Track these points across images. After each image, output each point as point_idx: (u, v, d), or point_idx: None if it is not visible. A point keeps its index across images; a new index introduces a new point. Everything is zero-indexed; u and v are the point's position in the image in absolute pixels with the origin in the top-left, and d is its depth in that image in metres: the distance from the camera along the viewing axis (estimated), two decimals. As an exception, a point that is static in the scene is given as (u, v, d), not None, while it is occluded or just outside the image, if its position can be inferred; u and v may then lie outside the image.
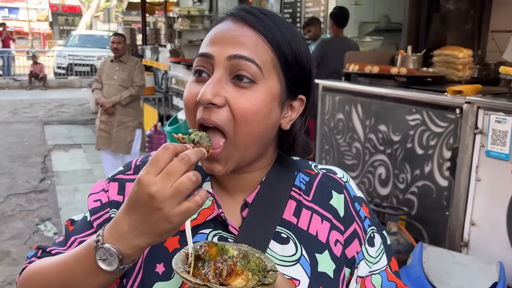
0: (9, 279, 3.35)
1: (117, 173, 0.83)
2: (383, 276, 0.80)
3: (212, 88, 0.69)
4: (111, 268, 0.63)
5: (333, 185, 0.83)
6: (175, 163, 0.60)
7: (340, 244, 0.78)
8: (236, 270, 0.61)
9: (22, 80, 14.36)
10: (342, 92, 3.32)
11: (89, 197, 0.82)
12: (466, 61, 3.47)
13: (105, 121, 4.84)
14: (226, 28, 0.73)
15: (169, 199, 0.58)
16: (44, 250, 0.80)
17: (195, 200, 0.60)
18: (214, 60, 0.71)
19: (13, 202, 4.87)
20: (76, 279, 0.66)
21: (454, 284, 2.16)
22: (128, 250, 0.62)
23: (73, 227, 0.82)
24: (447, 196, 2.55)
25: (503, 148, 2.26)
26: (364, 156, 3.14)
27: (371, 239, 0.81)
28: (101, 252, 0.63)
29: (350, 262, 0.79)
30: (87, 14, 23.13)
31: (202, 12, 7.97)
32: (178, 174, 0.59)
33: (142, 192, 0.59)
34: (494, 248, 2.34)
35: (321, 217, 0.79)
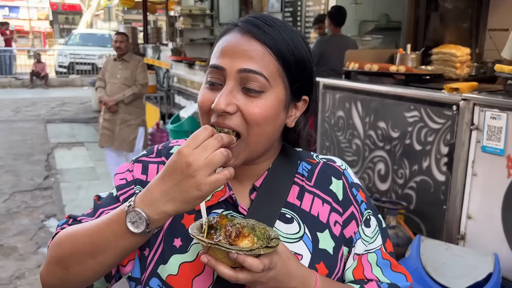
0: (16, 274, 3.43)
1: (141, 156, 0.92)
2: (378, 255, 0.90)
3: (225, 98, 0.78)
4: (138, 231, 0.70)
5: (332, 172, 0.92)
6: (211, 139, 0.69)
7: (339, 224, 0.87)
8: (243, 233, 0.70)
9: (24, 79, 14.43)
10: (342, 90, 3.39)
11: (115, 176, 0.91)
12: (463, 59, 3.55)
13: (108, 119, 4.92)
14: (234, 40, 0.80)
15: (203, 168, 0.67)
16: (75, 219, 0.88)
17: (224, 173, 0.69)
18: (225, 72, 0.79)
19: (18, 199, 4.94)
20: (106, 240, 0.74)
21: (451, 275, 2.23)
22: (156, 215, 0.70)
23: (100, 202, 0.90)
24: (444, 191, 2.62)
25: (498, 144, 2.33)
26: (364, 152, 3.21)
27: (367, 221, 0.90)
28: (131, 215, 0.70)
29: (348, 241, 0.88)
30: (88, 13, 23.18)
31: (204, 11, 8.03)
32: (212, 149, 0.69)
33: (181, 161, 0.68)
34: (490, 240, 2.41)
35: (322, 200, 0.88)
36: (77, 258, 0.77)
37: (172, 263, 0.80)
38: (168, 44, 8.76)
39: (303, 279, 0.76)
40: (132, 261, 0.84)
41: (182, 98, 7.19)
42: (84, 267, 0.77)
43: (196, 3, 8.45)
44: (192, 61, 6.74)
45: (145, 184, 0.85)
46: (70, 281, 0.80)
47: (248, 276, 0.69)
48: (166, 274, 0.80)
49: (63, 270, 0.79)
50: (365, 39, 5.89)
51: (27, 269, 3.49)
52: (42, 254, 3.73)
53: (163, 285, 0.81)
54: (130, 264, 0.85)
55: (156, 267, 0.81)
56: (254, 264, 0.68)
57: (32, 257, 3.68)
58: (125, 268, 0.85)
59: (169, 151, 0.91)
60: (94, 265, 0.76)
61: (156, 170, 0.89)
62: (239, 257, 0.67)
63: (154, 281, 0.81)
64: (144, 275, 0.83)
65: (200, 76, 6.36)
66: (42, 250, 3.79)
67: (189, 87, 6.84)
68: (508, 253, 2.31)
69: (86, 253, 0.76)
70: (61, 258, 0.79)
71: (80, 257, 0.77)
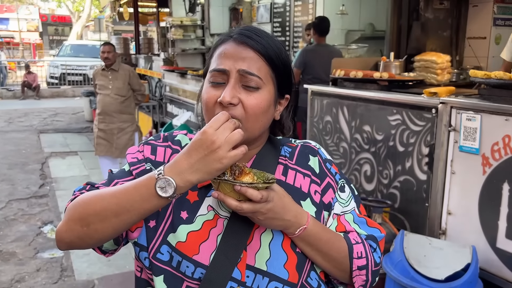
0: (16, 277, 3.52)
1: (149, 140, 1.08)
2: (353, 215, 1.07)
3: (230, 92, 0.95)
4: (166, 195, 0.84)
5: (309, 151, 1.10)
6: (228, 122, 0.86)
7: (318, 193, 1.05)
8: (245, 171, 0.88)
9: (15, 90, 14.46)
10: (330, 96, 3.56)
11: (127, 156, 1.05)
12: (444, 66, 3.74)
13: (104, 129, 5.02)
14: (233, 49, 0.97)
15: (224, 145, 0.83)
16: (92, 185, 1.01)
17: (241, 149, 0.85)
18: (228, 73, 0.97)
19: (14, 207, 5.03)
20: (132, 201, 0.87)
21: (432, 266, 2.39)
22: (182, 183, 0.85)
23: (114, 174, 1.04)
24: (426, 189, 2.78)
25: (473, 143, 2.50)
26: (351, 155, 3.37)
27: (342, 188, 1.08)
28: (161, 181, 0.84)
29: (327, 206, 1.05)
30: (78, 24, 23.27)
31: (195, 22, 8.19)
32: (230, 130, 0.85)
33: (206, 139, 0.83)
34: (468, 234, 2.57)
35: (303, 175, 1.06)
36: (101, 216, 0.88)
37: (181, 231, 0.95)
38: (160, 54, 8.91)
39: (296, 213, 0.93)
40: (139, 228, 0.98)
41: (174, 107, 7.32)
42: (106, 225, 0.88)
43: (187, 14, 8.61)
44: (184, 71, 6.88)
45: (154, 163, 1.01)
46: (87, 237, 0.90)
47: (250, 206, 0.86)
48: (176, 241, 0.95)
49: (83, 227, 0.89)
50: (351, 47, 6.08)
51: (26, 273, 3.59)
52: (40, 258, 3.83)
53: (173, 250, 0.95)
54: (137, 230, 0.98)
55: (166, 235, 0.96)
56: (254, 194, 0.85)
57: (31, 262, 3.77)
58: (133, 234, 0.98)
59: (174, 138, 1.07)
60: (116, 223, 0.88)
61: (163, 152, 1.04)
62: (242, 189, 0.84)
63: (165, 248, 0.95)
64: (154, 243, 0.96)
65: (192, 85, 6.51)
66: (41, 255, 3.89)
67: (181, 96, 6.98)
68: (485, 245, 2.47)
69: (111, 212, 0.87)
70: (84, 215, 0.89)
71: (104, 215, 0.88)
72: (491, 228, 2.44)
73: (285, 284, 0.96)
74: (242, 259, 0.94)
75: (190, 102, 6.54)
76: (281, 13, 6.92)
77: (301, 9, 6.52)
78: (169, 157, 1.03)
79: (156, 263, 0.96)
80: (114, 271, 3.57)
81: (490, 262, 2.44)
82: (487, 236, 2.47)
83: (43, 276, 3.55)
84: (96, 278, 3.50)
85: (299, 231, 0.94)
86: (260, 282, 0.95)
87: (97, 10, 25.25)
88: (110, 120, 5.03)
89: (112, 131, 5.02)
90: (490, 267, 2.44)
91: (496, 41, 4.66)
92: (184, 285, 0.95)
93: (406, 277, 2.36)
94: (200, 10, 8.31)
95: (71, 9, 25.40)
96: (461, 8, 4.75)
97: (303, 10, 6.47)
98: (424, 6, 4.51)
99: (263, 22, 7.22)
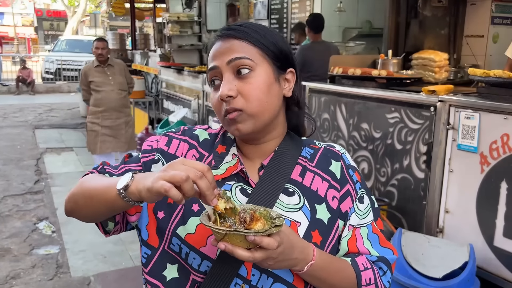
0: (11, 274, 3.49)
1: (169, 131, 1.09)
2: (369, 229, 1.03)
3: (226, 86, 0.95)
4: (118, 186, 0.85)
5: (332, 156, 1.06)
6: (198, 173, 0.80)
7: (337, 199, 1.01)
8: (256, 216, 0.81)
9: (10, 85, 14.37)
10: (327, 93, 3.55)
11: (144, 143, 1.08)
12: (442, 64, 3.74)
13: (110, 126, 5.03)
14: (219, 46, 1.00)
15: (168, 173, 0.79)
16: (103, 166, 1.07)
17: (168, 186, 0.78)
18: (219, 69, 0.97)
19: (9, 203, 4.99)
20: (101, 188, 0.92)
21: (429, 264, 2.39)
22: (134, 186, 0.84)
23: (127, 160, 1.08)
24: (424, 187, 2.78)
25: (472, 142, 2.50)
26: (348, 152, 3.36)
27: (361, 198, 1.04)
28: (126, 176, 0.86)
29: (344, 215, 1.01)
30: (74, 19, 23.13)
31: (192, 18, 8.16)
32: (194, 175, 0.79)
33: (172, 162, 0.83)
34: (466, 232, 2.57)
35: (322, 178, 1.02)
36: (83, 197, 0.96)
37: (191, 223, 0.95)
38: (156, 50, 8.87)
39: (303, 249, 0.88)
40: (138, 213, 1.02)
41: (171, 103, 7.29)
42: (84, 206, 0.97)
43: (184, 10, 8.58)
44: (180, 67, 6.86)
45: (165, 154, 1.03)
46: (76, 212, 1.00)
47: (263, 254, 0.80)
48: (185, 233, 0.95)
49: (74, 203, 0.99)
50: (349, 45, 6.07)
51: (22, 270, 3.56)
52: (36, 255, 3.81)
53: (182, 243, 0.95)
54: (136, 215, 1.01)
55: (176, 227, 0.96)
56: (270, 243, 0.78)
57: (26, 258, 3.74)
58: (132, 217, 1.02)
59: (192, 132, 1.08)
60: (90, 206, 0.95)
61: (178, 144, 1.05)
62: (256, 239, 0.77)
63: (175, 240, 0.96)
64: (167, 234, 0.97)
65: (188, 82, 6.48)
66: (36, 251, 3.87)
67: (177, 92, 6.95)
68: (483, 244, 2.48)
69: (88, 195, 0.95)
70: (76, 193, 0.99)
71: (83, 197, 0.96)
72: (488, 227, 2.45)
73: (290, 287, 0.94)
74: None
75: (186, 98, 6.51)
76: (279, 10, 6.89)
77: (299, 5, 6.50)
78: (186, 152, 1.03)
79: (171, 253, 0.97)
80: (110, 268, 3.55)
81: (488, 260, 2.44)
82: (485, 235, 2.48)
83: (39, 272, 3.53)
84: (92, 274, 3.48)
85: (307, 268, 0.89)
86: (265, 282, 0.93)
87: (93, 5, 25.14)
88: (117, 115, 5.06)
89: (119, 126, 5.07)
90: (487, 265, 2.45)
91: (494, 40, 4.67)
92: (190, 277, 0.95)
93: (404, 275, 2.36)
94: (197, 6, 8.28)
95: (66, 3, 25.24)
96: (459, 6, 4.76)
97: (301, 6, 6.45)
98: (422, 4, 4.50)
99: (260, 18, 7.19)
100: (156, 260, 0.99)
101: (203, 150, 1.04)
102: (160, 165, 1.01)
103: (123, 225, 1.05)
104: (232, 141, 1.05)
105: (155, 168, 1.02)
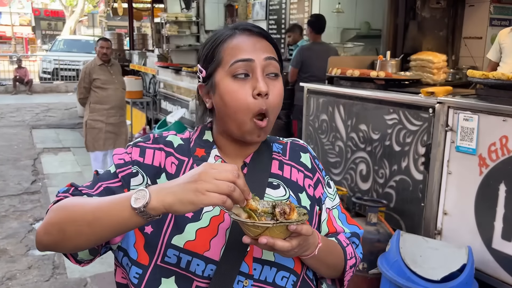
0: (8, 275, 3.47)
1: (138, 142, 1.03)
2: (338, 210, 1.14)
3: (263, 81, 0.96)
4: (136, 205, 0.79)
5: (300, 149, 1.14)
6: (231, 174, 0.79)
7: (312, 187, 1.09)
8: (293, 207, 0.85)
9: (7, 85, 14.31)
10: (326, 95, 3.54)
11: (113, 156, 1.01)
12: (440, 66, 3.73)
13: (114, 123, 5.15)
14: (248, 39, 0.98)
15: (209, 182, 0.77)
16: (76, 188, 0.97)
17: (223, 199, 0.77)
18: (254, 63, 0.96)
19: (6, 203, 4.96)
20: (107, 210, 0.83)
21: (428, 266, 2.38)
22: (155, 201, 0.79)
23: (99, 176, 1.00)
24: (422, 189, 2.77)
25: (470, 144, 2.50)
26: (346, 154, 3.36)
27: (329, 183, 1.15)
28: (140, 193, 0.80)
29: (318, 200, 1.10)
30: (71, 19, 23.08)
31: (190, 18, 8.14)
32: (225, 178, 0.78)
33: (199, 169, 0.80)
34: (464, 234, 2.57)
35: (297, 170, 1.09)
36: (76, 225, 0.85)
37: (189, 230, 0.93)
38: (154, 51, 8.85)
39: (314, 233, 0.92)
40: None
41: (168, 103, 7.27)
42: (79, 234, 0.85)
43: (182, 10, 8.56)
44: (178, 67, 6.84)
45: (142, 165, 0.98)
46: (62, 243, 0.88)
47: (297, 242, 0.84)
48: (184, 241, 0.92)
49: (59, 233, 0.87)
50: (347, 46, 6.07)
51: (18, 271, 3.54)
52: (32, 256, 3.78)
53: (180, 252, 0.92)
54: (120, 235, 0.94)
55: (170, 238, 0.93)
56: (309, 229, 0.84)
57: (22, 259, 3.72)
58: (115, 238, 0.94)
59: (165, 139, 1.03)
60: (89, 234, 0.85)
61: (153, 154, 1.00)
62: (298, 227, 0.82)
63: (171, 251, 0.93)
64: (160, 248, 0.94)
65: (186, 82, 6.46)
66: (32, 252, 3.84)
67: (175, 92, 6.93)
68: (481, 246, 2.47)
69: (85, 221, 0.84)
70: (61, 221, 0.87)
71: (79, 224, 0.85)
72: (487, 229, 2.44)
73: (291, 272, 0.98)
74: (248, 253, 0.94)
75: (184, 99, 6.50)
76: (277, 11, 6.89)
77: (297, 6, 6.50)
78: (164, 160, 0.99)
79: (166, 266, 0.94)
80: (106, 269, 3.53)
81: (486, 262, 2.43)
82: (483, 237, 2.47)
83: (35, 273, 3.51)
84: (88, 276, 3.46)
85: (317, 250, 0.93)
86: (268, 273, 0.95)
87: (91, 5, 25.09)
88: (121, 113, 5.20)
89: (121, 124, 5.23)
90: (485, 268, 2.44)
91: (492, 41, 4.66)
92: (193, 285, 0.93)
93: (402, 278, 2.35)
94: (195, 7, 8.27)
95: (64, 3, 25.19)
96: (458, 7, 4.76)
97: (299, 7, 6.45)
98: (420, 5, 4.50)
99: (259, 19, 7.19)
100: (148, 277, 0.95)
101: (181, 155, 1.01)
102: (139, 178, 0.97)
103: (98, 248, 0.96)
104: (211, 143, 1.04)
105: (134, 182, 0.96)
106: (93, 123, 5.12)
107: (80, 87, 5.09)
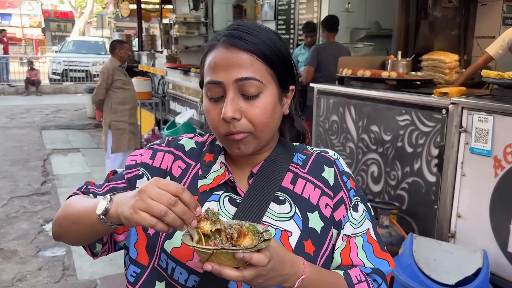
0: (18, 276, 3.48)
1: (153, 144, 1.04)
2: (364, 238, 0.97)
3: (231, 106, 0.87)
4: (97, 212, 0.81)
5: (325, 161, 1.01)
6: (172, 199, 0.74)
7: (330, 207, 0.96)
8: (244, 231, 0.75)
9: (18, 86, 14.42)
10: (336, 95, 3.50)
11: (129, 157, 1.03)
12: (452, 66, 3.69)
13: (134, 123, 5.30)
14: (223, 55, 0.88)
15: (143, 201, 0.74)
16: (87, 186, 1.03)
17: (153, 220, 0.74)
18: (223, 85, 0.87)
19: (16, 204, 4.99)
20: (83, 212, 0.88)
21: (442, 270, 2.34)
22: (114, 209, 0.80)
23: (111, 177, 1.03)
24: (435, 191, 2.73)
25: (485, 145, 2.45)
26: (358, 155, 3.32)
27: (355, 206, 0.98)
28: (106, 200, 0.82)
29: (337, 224, 0.96)
30: (80, 20, 23.21)
31: (198, 19, 8.14)
32: (164, 200, 0.74)
33: (145, 185, 0.77)
34: (479, 237, 2.52)
35: (314, 185, 0.97)
36: (67, 220, 0.94)
37: (177, 237, 0.90)
38: (163, 51, 8.86)
39: (293, 263, 0.81)
40: (126, 232, 0.97)
41: (177, 104, 7.27)
42: (68, 230, 0.94)
43: (191, 11, 8.56)
44: (187, 68, 6.84)
45: (149, 167, 0.98)
46: (61, 236, 0.97)
47: (252, 272, 0.74)
48: (171, 247, 0.90)
49: (59, 226, 0.97)
50: (357, 46, 6.03)
51: (28, 272, 3.55)
52: (42, 257, 3.79)
53: (168, 257, 0.90)
54: (124, 234, 0.97)
55: (163, 242, 0.92)
56: (260, 259, 0.72)
57: (33, 260, 3.73)
58: (119, 236, 0.98)
59: (177, 142, 1.02)
60: (73, 231, 0.92)
61: (162, 156, 0.99)
62: (245, 256, 0.71)
63: (163, 255, 0.92)
64: (157, 251, 0.93)
65: (195, 83, 6.46)
66: (42, 254, 3.85)
67: (184, 93, 6.93)
68: (496, 250, 2.42)
69: (71, 219, 0.92)
70: (60, 216, 0.96)
71: (69, 220, 0.93)
72: (502, 232, 2.39)
73: None
74: None
75: (193, 99, 6.49)
76: (286, 11, 6.86)
77: (306, 6, 6.47)
78: (171, 163, 0.98)
79: (160, 270, 0.93)
80: (116, 271, 3.53)
81: (502, 266, 2.39)
82: (498, 240, 2.42)
83: (45, 275, 3.51)
84: (98, 277, 3.46)
85: (298, 283, 0.82)
86: None
87: (100, 6, 25.23)
88: (137, 113, 5.43)
89: (137, 123, 5.40)
90: (501, 272, 2.39)
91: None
92: None
93: (415, 282, 2.32)
94: (204, 7, 8.27)
95: (73, 5, 25.34)
96: (470, 6, 4.69)
97: (308, 7, 6.41)
98: (432, 4, 4.45)
99: (267, 19, 7.16)
100: (145, 278, 0.94)
101: (190, 159, 0.99)
102: (145, 180, 0.96)
103: (111, 245, 1.00)
104: (220, 149, 0.99)
105: (140, 184, 0.96)
106: (117, 124, 5.17)
107: (102, 88, 5.10)
